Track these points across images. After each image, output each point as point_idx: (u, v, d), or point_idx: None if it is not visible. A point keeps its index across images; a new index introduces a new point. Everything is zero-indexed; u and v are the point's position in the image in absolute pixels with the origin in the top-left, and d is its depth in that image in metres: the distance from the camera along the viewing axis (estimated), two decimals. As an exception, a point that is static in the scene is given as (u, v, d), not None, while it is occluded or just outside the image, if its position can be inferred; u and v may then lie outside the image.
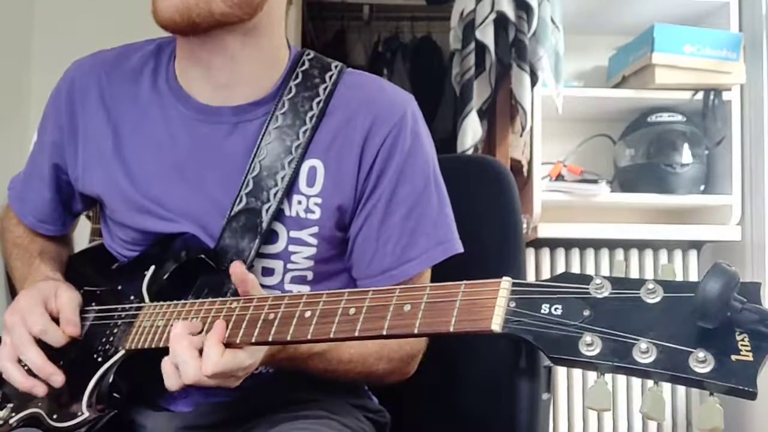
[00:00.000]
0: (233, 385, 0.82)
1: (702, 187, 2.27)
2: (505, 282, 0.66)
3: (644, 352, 0.55)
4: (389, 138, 0.98)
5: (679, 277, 2.08)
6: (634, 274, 2.33)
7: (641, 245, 2.35)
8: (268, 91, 1.00)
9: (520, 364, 1.09)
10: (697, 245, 2.37)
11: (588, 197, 2.23)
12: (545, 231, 2.20)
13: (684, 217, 2.40)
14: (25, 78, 2.34)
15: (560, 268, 2.34)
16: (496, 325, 0.63)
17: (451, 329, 0.67)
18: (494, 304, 0.64)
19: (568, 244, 2.34)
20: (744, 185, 2.25)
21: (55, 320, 0.95)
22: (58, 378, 0.91)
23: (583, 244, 2.34)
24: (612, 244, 2.35)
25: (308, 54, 1.05)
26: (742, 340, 0.53)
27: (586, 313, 0.59)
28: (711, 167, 2.29)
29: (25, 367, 0.93)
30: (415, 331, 0.69)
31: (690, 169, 2.23)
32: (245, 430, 0.98)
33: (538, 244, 2.31)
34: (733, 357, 0.53)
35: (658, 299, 0.58)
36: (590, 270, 2.33)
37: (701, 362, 0.53)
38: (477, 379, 1.17)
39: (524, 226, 1.25)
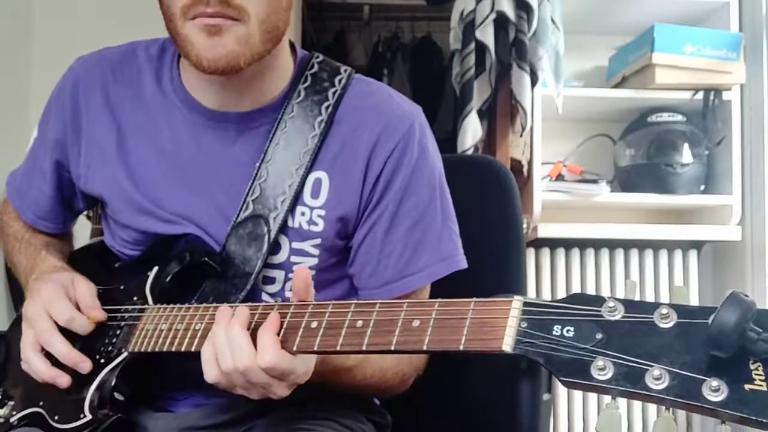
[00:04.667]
0: (279, 393, 0.79)
1: (702, 187, 2.27)
2: (516, 301, 0.65)
3: (657, 378, 0.55)
4: (396, 150, 0.97)
5: (679, 278, 2.06)
6: (634, 274, 2.34)
7: (641, 245, 2.35)
8: (276, 98, 0.99)
9: (520, 365, 1.09)
10: (697, 245, 2.37)
11: (588, 197, 2.23)
12: (545, 231, 2.20)
13: (684, 217, 2.40)
14: (25, 78, 2.34)
15: (560, 268, 2.34)
16: (507, 346, 0.63)
17: (461, 348, 0.66)
18: (505, 324, 0.64)
19: (568, 244, 2.34)
20: (744, 185, 2.26)
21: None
22: (85, 365, 0.91)
23: (583, 244, 2.34)
24: (612, 244, 2.35)
25: (317, 57, 1.04)
26: (756, 369, 0.53)
27: (599, 336, 0.59)
28: (711, 167, 2.29)
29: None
30: (424, 348, 0.69)
31: (690, 169, 2.22)
32: (245, 431, 0.98)
33: (538, 244, 2.31)
34: (747, 386, 0.52)
35: (671, 324, 0.57)
36: (590, 270, 2.34)
37: (714, 391, 0.53)
38: (478, 380, 1.17)
39: (524, 226, 1.25)
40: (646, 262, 2.34)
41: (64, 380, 0.91)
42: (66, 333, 0.92)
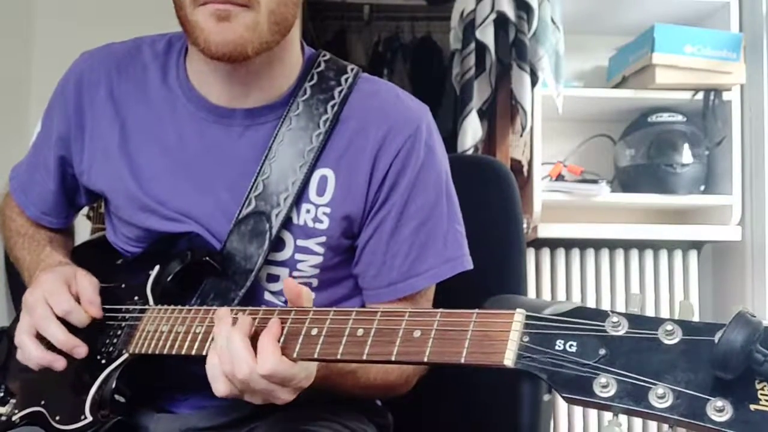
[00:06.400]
0: (283, 397, 0.78)
1: (702, 187, 2.27)
2: (519, 315, 0.64)
3: (661, 396, 0.54)
4: (403, 150, 0.97)
5: (679, 279, 2.05)
6: (634, 274, 2.34)
7: (641, 245, 2.35)
8: (282, 94, 0.99)
9: (521, 366, 1.09)
10: (697, 245, 2.38)
11: (588, 197, 2.23)
12: (545, 231, 2.20)
13: (684, 217, 2.40)
14: (25, 78, 2.33)
15: (560, 268, 2.34)
16: (509, 361, 0.62)
17: (462, 361, 0.65)
18: (507, 338, 0.63)
19: (568, 244, 2.34)
20: (744, 185, 2.26)
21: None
22: (81, 350, 0.91)
23: (583, 244, 2.34)
24: (612, 244, 2.35)
25: (324, 55, 1.04)
26: (762, 389, 0.52)
27: (602, 351, 0.58)
28: (711, 167, 2.29)
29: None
30: (425, 360, 0.68)
31: (690, 169, 2.22)
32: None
33: (538, 244, 2.31)
34: (752, 406, 0.52)
35: (676, 341, 0.56)
36: (590, 270, 2.34)
37: (719, 411, 0.52)
38: (479, 380, 1.17)
39: (524, 226, 1.25)
40: (646, 262, 2.34)
41: (60, 364, 0.91)
42: (66, 328, 0.92)
